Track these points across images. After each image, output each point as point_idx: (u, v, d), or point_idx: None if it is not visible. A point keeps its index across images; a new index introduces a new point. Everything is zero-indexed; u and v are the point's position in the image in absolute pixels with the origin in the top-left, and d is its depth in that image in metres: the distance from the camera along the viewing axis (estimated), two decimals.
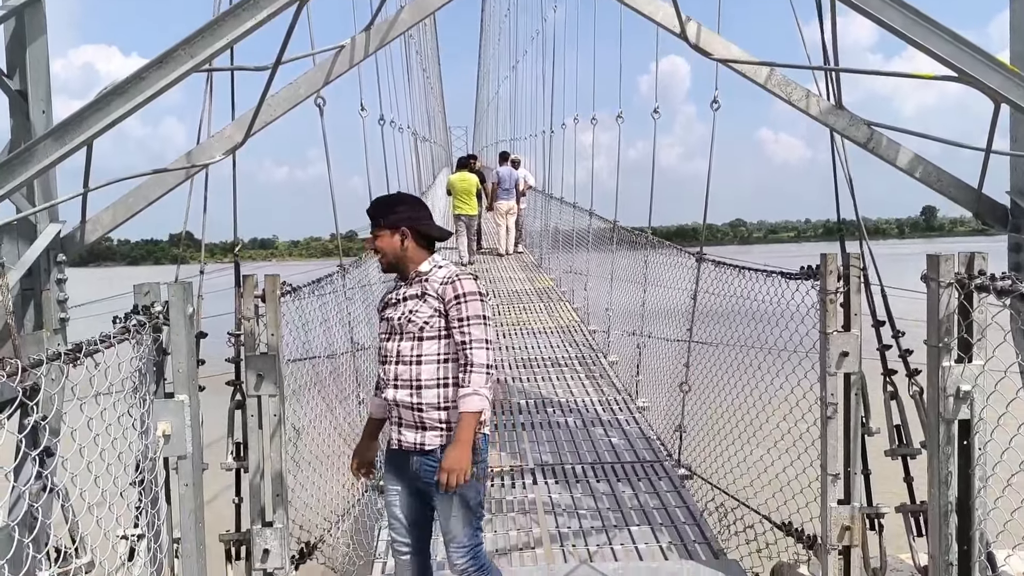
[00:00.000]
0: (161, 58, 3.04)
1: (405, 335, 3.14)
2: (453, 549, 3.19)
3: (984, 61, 3.11)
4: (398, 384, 3.14)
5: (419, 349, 3.12)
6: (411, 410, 3.12)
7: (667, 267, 7.77)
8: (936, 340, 2.99)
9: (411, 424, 3.14)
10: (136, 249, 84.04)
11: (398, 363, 3.14)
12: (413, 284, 3.21)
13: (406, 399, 3.12)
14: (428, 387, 3.12)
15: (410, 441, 3.14)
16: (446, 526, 3.19)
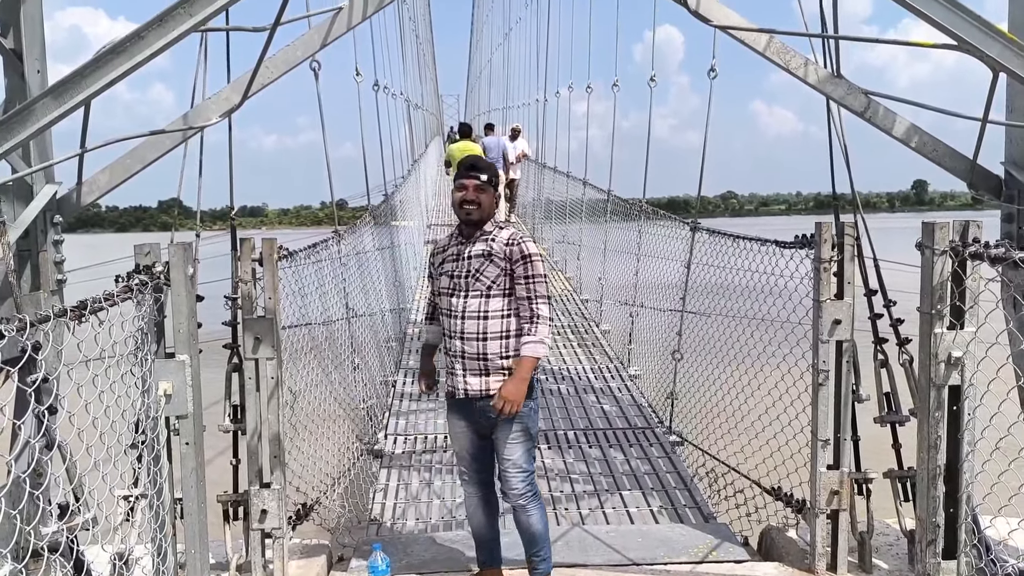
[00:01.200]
0: (161, 16, 3.02)
1: (471, 292, 3.43)
2: (513, 473, 3.50)
3: (983, 29, 3.12)
4: (465, 336, 3.43)
5: (486, 305, 3.41)
6: (477, 359, 3.43)
7: (661, 238, 7.79)
8: (929, 307, 3.03)
9: (476, 371, 3.44)
10: (125, 215, 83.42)
11: (464, 318, 3.43)
12: (477, 242, 3.48)
13: (473, 350, 3.42)
14: (493, 339, 3.42)
15: (476, 388, 3.44)
16: (508, 451, 3.50)
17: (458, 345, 3.46)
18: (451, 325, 3.48)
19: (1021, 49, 3.14)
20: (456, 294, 3.47)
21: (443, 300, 3.54)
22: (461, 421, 3.61)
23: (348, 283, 6.21)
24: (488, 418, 3.47)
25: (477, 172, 3.54)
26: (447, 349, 3.55)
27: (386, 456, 5.77)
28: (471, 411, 3.52)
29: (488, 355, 3.43)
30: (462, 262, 3.47)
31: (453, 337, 3.48)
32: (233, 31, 3.75)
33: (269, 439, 3.94)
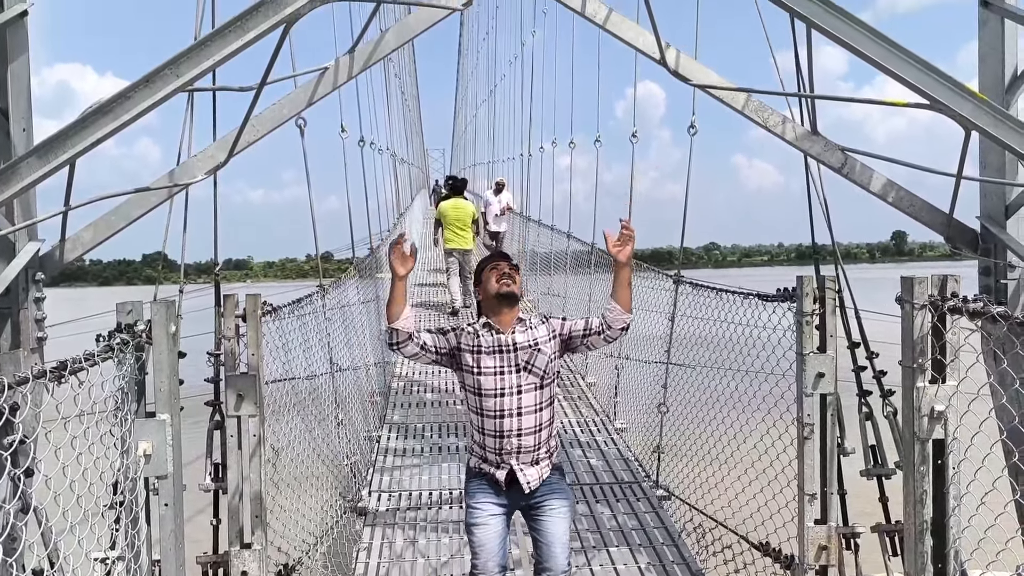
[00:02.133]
0: (147, 77, 3.06)
1: (524, 386, 3.41)
2: (560, 550, 3.52)
3: (955, 90, 3.21)
4: (522, 432, 3.41)
5: (540, 397, 3.43)
6: (532, 451, 3.44)
7: (645, 289, 7.83)
8: (910, 361, 3.05)
9: (529, 463, 3.45)
10: (108, 269, 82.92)
11: (522, 415, 3.41)
12: (517, 333, 3.46)
13: (530, 443, 3.43)
14: (546, 427, 3.47)
15: (535, 478, 3.46)
16: (556, 527, 3.50)
17: (515, 442, 3.41)
18: (504, 424, 3.39)
19: (991, 108, 3.23)
20: (508, 393, 3.40)
21: (489, 395, 3.42)
22: (498, 508, 3.50)
23: (332, 337, 6.17)
24: (540, 488, 3.48)
25: (505, 258, 3.66)
26: (496, 443, 3.43)
27: (370, 513, 5.68)
28: (515, 498, 3.49)
29: (540, 443, 3.45)
30: (507, 355, 3.41)
31: (508, 436, 3.40)
32: (220, 91, 3.78)
33: (251, 498, 3.88)
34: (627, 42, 4.13)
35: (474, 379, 3.44)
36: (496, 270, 3.52)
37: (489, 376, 3.41)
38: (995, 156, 3.91)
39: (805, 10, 3.23)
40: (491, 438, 3.44)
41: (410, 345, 3.41)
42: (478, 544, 3.50)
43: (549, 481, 3.51)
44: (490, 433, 3.44)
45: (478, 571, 3.50)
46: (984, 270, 4.03)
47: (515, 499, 3.50)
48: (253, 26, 3.07)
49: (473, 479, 3.57)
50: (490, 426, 3.43)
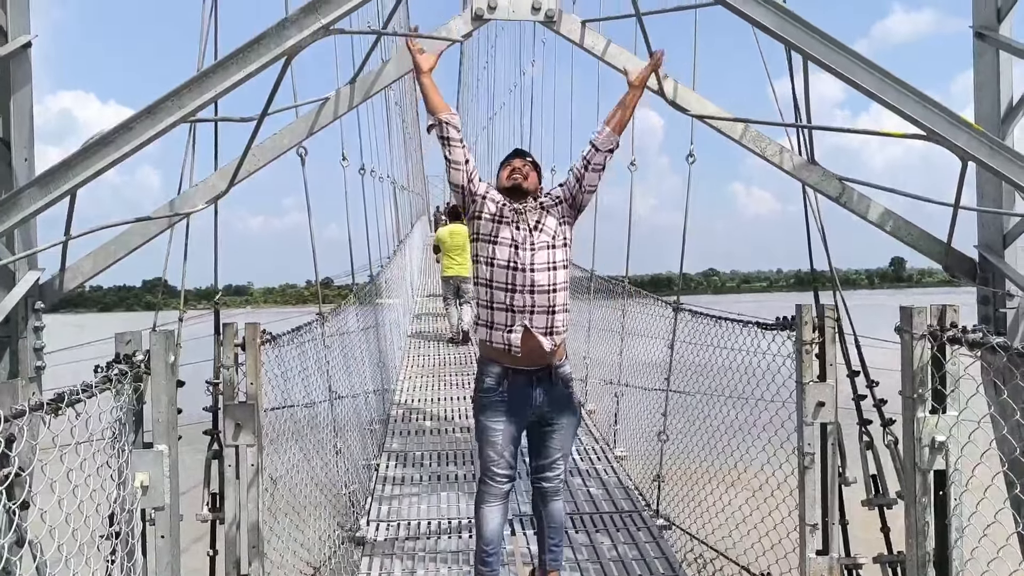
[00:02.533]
0: (149, 109, 3.08)
1: (538, 244, 3.59)
2: (562, 461, 3.73)
3: (951, 121, 3.23)
4: (536, 289, 3.55)
5: (554, 256, 3.61)
6: (546, 313, 3.56)
7: (645, 315, 7.83)
8: (910, 391, 3.04)
9: (542, 329, 3.55)
10: (109, 295, 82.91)
11: (534, 270, 3.56)
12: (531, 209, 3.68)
13: (544, 302, 3.54)
14: (561, 289, 3.61)
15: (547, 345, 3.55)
16: (562, 442, 3.72)
17: (528, 299, 3.54)
18: (517, 279, 3.55)
19: (987, 139, 3.25)
20: (521, 247, 3.59)
21: (502, 254, 3.61)
22: (510, 414, 3.62)
23: (331, 365, 6.16)
24: (552, 396, 3.63)
25: (523, 154, 3.87)
26: (507, 306, 3.58)
27: (368, 543, 5.63)
28: (528, 396, 3.62)
29: (556, 307, 3.58)
30: (521, 219, 3.63)
31: (522, 291, 3.55)
32: (221, 121, 3.81)
33: (248, 528, 3.85)
34: (627, 74, 4.16)
35: (490, 247, 3.63)
36: (508, 166, 3.79)
37: (504, 247, 3.61)
38: (992, 186, 3.93)
39: (801, 42, 3.27)
40: (501, 303, 3.58)
41: (459, 149, 3.63)
42: (489, 459, 3.64)
43: (561, 396, 3.68)
44: (500, 304, 3.59)
45: (489, 476, 3.64)
46: (983, 299, 4.03)
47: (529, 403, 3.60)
48: (255, 58, 3.10)
49: (484, 396, 3.66)
50: (500, 295, 3.58)
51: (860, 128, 3.67)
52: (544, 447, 3.76)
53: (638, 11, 3.84)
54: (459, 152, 3.61)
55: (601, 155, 3.65)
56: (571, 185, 3.73)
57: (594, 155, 3.64)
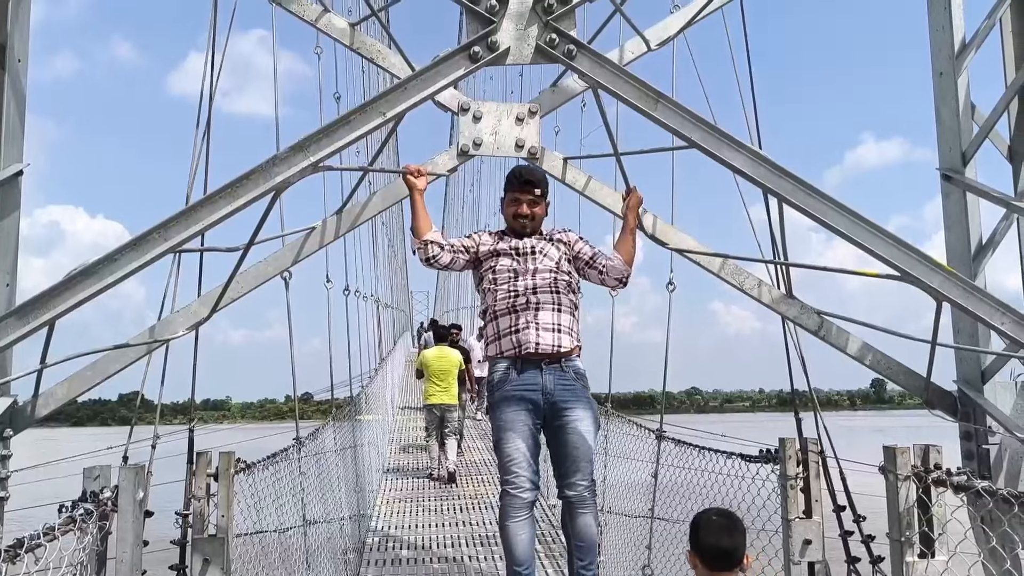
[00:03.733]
0: (135, 241, 3.10)
1: (540, 268, 3.68)
2: (584, 463, 3.58)
3: (924, 263, 3.31)
4: (538, 289, 3.63)
5: (556, 281, 3.69)
6: (552, 309, 3.61)
7: (626, 437, 7.73)
8: (898, 534, 2.98)
9: (548, 327, 3.59)
10: (82, 409, 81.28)
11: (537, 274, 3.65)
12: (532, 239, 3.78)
13: (548, 299, 3.61)
14: (565, 293, 3.69)
15: (548, 343, 3.57)
16: (580, 439, 3.56)
17: (532, 299, 3.58)
18: (519, 283, 3.62)
19: (959, 280, 3.33)
20: (523, 275, 3.65)
21: (503, 266, 3.69)
22: (522, 404, 3.56)
23: (306, 492, 5.98)
24: (563, 384, 3.56)
25: (532, 186, 3.84)
26: (510, 307, 3.61)
27: None
28: (537, 382, 3.56)
29: (562, 307, 3.64)
30: (522, 255, 3.70)
31: (525, 292, 3.60)
32: (207, 252, 3.84)
33: None
34: (606, 207, 4.27)
35: (491, 276, 3.68)
36: (516, 204, 3.81)
37: (505, 259, 3.68)
38: (967, 323, 3.99)
39: (775, 185, 3.38)
40: (505, 308, 3.61)
41: (444, 254, 3.71)
42: (509, 458, 3.52)
43: (574, 386, 3.60)
44: (503, 309, 3.61)
45: (511, 486, 3.49)
46: (965, 435, 4.03)
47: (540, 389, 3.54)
48: (243, 193, 3.16)
49: (497, 390, 3.62)
50: (503, 303, 3.60)
51: (836, 267, 3.75)
52: (563, 447, 3.59)
53: (616, 151, 3.98)
54: (447, 257, 3.76)
55: (612, 280, 3.83)
56: (580, 253, 3.85)
57: (604, 275, 3.82)
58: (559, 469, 3.60)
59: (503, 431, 3.54)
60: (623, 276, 3.77)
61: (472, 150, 3.97)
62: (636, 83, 3.49)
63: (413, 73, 3.45)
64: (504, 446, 3.54)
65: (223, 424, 61.74)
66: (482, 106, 3.96)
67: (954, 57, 4.28)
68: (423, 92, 3.41)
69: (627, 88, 3.49)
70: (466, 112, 3.93)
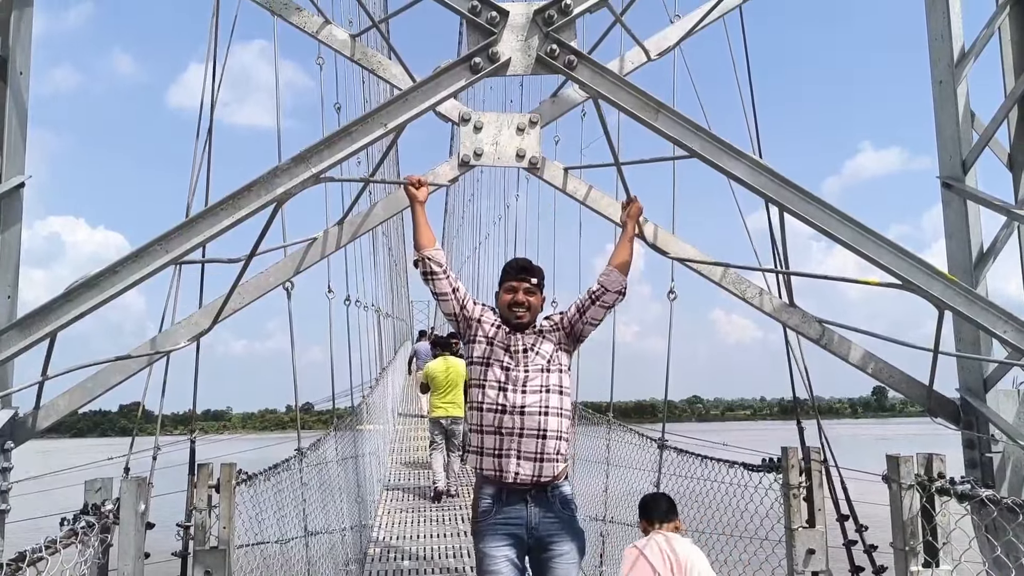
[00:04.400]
0: (137, 252, 3.10)
1: (531, 367, 3.52)
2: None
3: (926, 272, 3.31)
4: (526, 411, 3.45)
5: (547, 380, 3.51)
6: (536, 437, 3.44)
7: (629, 446, 7.71)
8: (902, 543, 2.97)
9: (530, 456, 3.43)
10: (83, 420, 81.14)
11: (527, 392, 3.47)
12: (528, 333, 3.61)
13: (533, 424, 3.43)
14: (553, 415, 3.49)
15: (527, 473, 3.43)
16: (564, 572, 3.47)
17: (518, 421, 3.44)
18: (507, 399, 3.47)
19: (961, 289, 3.32)
20: (513, 387, 3.49)
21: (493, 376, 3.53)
22: (507, 538, 3.47)
23: (307, 502, 5.97)
24: (548, 518, 3.46)
25: (528, 275, 3.70)
26: (496, 428, 3.48)
27: None
28: (522, 516, 3.46)
29: (548, 432, 3.45)
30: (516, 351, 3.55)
31: (511, 412, 3.45)
32: (208, 263, 3.84)
33: None
34: (607, 217, 4.27)
35: (481, 371, 3.54)
36: (512, 292, 3.66)
37: (496, 368, 3.52)
38: (969, 331, 3.99)
39: (776, 194, 3.38)
40: (490, 425, 3.46)
41: (443, 280, 3.58)
42: (488, 572, 3.44)
43: (560, 517, 3.50)
44: (489, 427, 3.47)
45: None
46: (968, 443, 4.02)
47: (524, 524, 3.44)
48: (245, 204, 3.16)
49: (481, 520, 3.52)
50: (489, 417, 3.46)
51: (838, 276, 3.74)
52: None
53: (617, 160, 3.99)
54: (444, 284, 3.60)
55: (611, 295, 3.62)
56: (572, 315, 3.66)
57: (603, 294, 3.61)
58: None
59: (486, 567, 3.52)
60: (620, 287, 3.64)
61: (473, 160, 3.97)
62: (636, 93, 3.49)
63: (414, 84, 3.46)
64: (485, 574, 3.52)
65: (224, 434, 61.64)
66: (483, 116, 3.97)
67: (953, 66, 4.29)
68: (424, 103, 3.42)
69: (627, 98, 3.50)
70: (467, 122, 3.94)
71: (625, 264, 3.68)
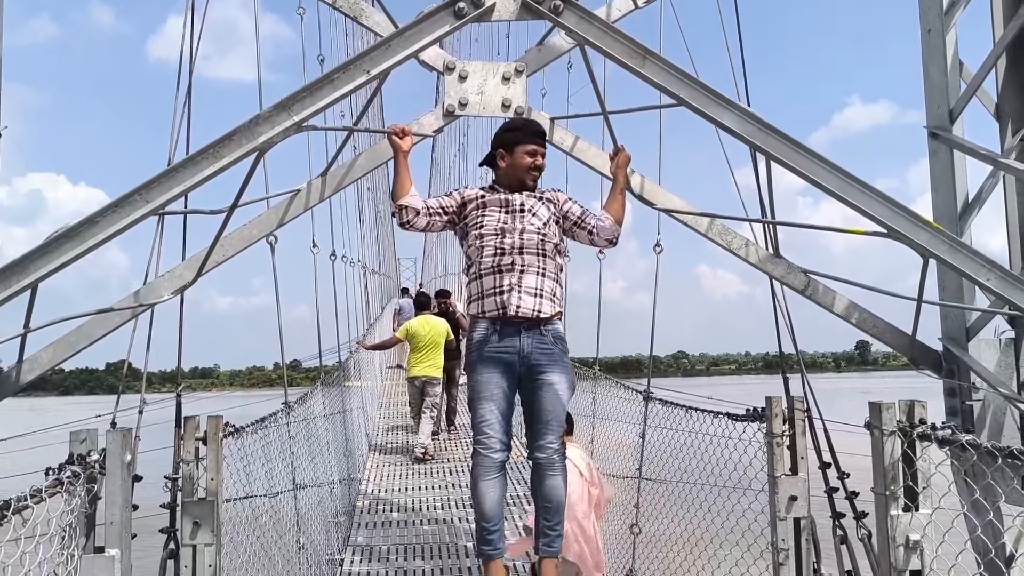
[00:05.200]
0: (116, 203, 3.06)
1: (529, 222, 3.64)
2: (556, 425, 3.62)
3: (911, 220, 3.31)
4: (525, 250, 3.59)
5: (544, 229, 3.65)
6: (536, 274, 3.59)
7: (615, 400, 7.78)
8: (883, 488, 3.01)
9: (531, 291, 3.57)
10: (70, 378, 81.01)
11: (525, 233, 3.60)
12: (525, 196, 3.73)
13: (533, 261, 3.58)
14: (551, 256, 3.65)
15: (529, 307, 3.55)
16: (554, 403, 3.59)
17: (517, 259, 3.55)
18: (505, 241, 3.59)
19: (946, 237, 3.33)
20: (510, 232, 3.61)
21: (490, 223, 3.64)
22: (499, 367, 3.57)
23: (296, 456, 6.00)
24: (541, 348, 3.56)
25: (543, 138, 3.84)
26: (494, 267, 3.58)
27: None
28: (515, 345, 3.56)
29: (547, 271, 3.60)
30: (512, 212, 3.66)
31: (510, 252, 3.57)
32: (191, 214, 3.79)
33: None
34: (593, 168, 4.25)
35: (478, 232, 3.64)
36: (534, 156, 3.75)
37: (494, 215, 3.64)
38: (952, 279, 4.01)
39: (764, 143, 3.36)
40: (489, 267, 3.58)
41: (420, 218, 3.66)
42: (482, 419, 3.57)
43: (552, 350, 3.60)
44: (487, 268, 3.59)
45: (483, 447, 3.56)
46: (949, 391, 4.06)
47: (517, 352, 3.55)
48: (226, 154, 3.11)
49: (475, 351, 3.63)
50: (488, 261, 3.58)
51: (823, 225, 3.74)
52: (536, 409, 3.63)
53: (604, 109, 3.94)
54: (423, 221, 3.70)
55: (601, 240, 3.80)
56: (570, 213, 3.81)
57: (594, 236, 3.78)
58: (530, 430, 3.67)
59: (478, 393, 3.60)
60: (613, 236, 3.75)
61: (458, 110, 3.92)
62: (624, 39, 3.44)
63: (397, 30, 3.39)
64: (478, 407, 3.60)
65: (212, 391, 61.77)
66: (468, 65, 3.91)
67: (942, 14, 4.25)
68: (407, 49, 3.35)
69: (614, 45, 3.45)
70: (452, 71, 3.87)
71: (619, 215, 3.75)
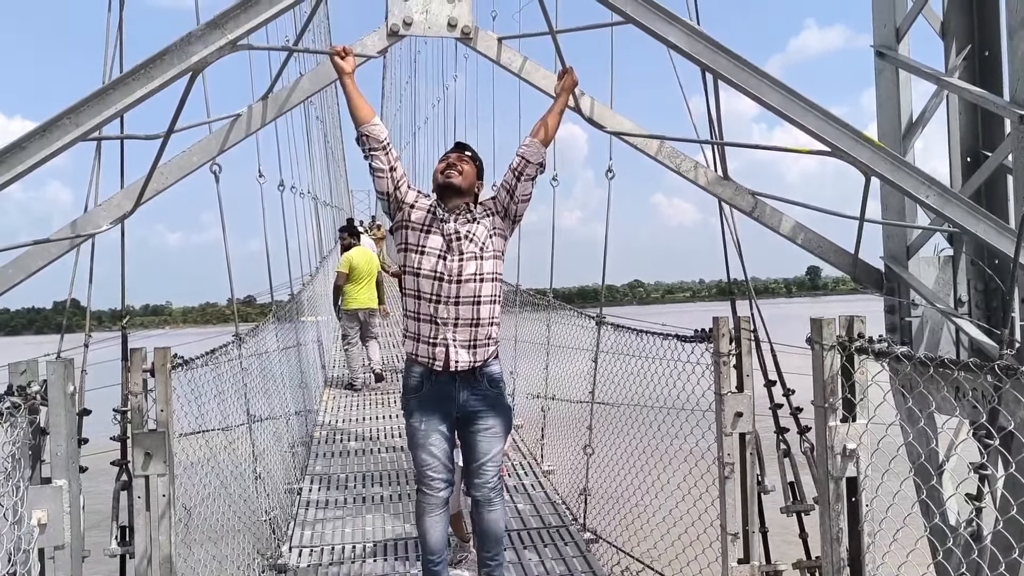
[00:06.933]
0: (44, 127, 2.93)
1: (466, 255, 3.53)
2: (491, 466, 3.66)
3: (854, 137, 3.34)
4: (460, 301, 3.51)
5: (481, 268, 3.55)
6: (469, 326, 3.52)
7: (569, 327, 7.87)
8: (822, 401, 3.11)
9: (465, 344, 3.53)
10: (16, 318, 79.17)
11: (461, 282, 3.51)
12: (462, 215, 3.60)
13: (468, 315, 3.51)
14: (486, 303, 3.56)
15: (466, 360, 3.54)
16: (488, 445, 3.64)
17: (452, 311, 3.51)
18: (443, 290, 3.51)
19: (888, 155, 3.38)
20: (448, 278, 3.52)
21: (428, 264, 3.55)
22: (434, 415, 3.59)
23: (250, 388, 5.98)
24: (476, 396, 3.58)
25: (463, 149, 3.77)
26: (432, 317, 3.54)
27: (290, 571, 5.47)
28: (451, 395, 3.57)
29: (481, 320, 3.54)
30: (451, 240, 3.55)
31: (447, 303, 3.51)
32: (126, 139, 3.67)
33: (160, 562, 3.68)
34: (542, 90, 4.18)
35: (415, 259, 3.56)
36: (445, 159, 3.70)
37: (431, 257, 3.55)
38: (895, 199, 4.08)
39: (711, 61, 3.33)
40: (427, 314, 3.53)
41: (382, 157, 3.55)
42: (423, 464, 3.62)
43: (487, 395, 3.62)
44: (425, 315, 3.54)
45: (426, 487, 3.62)
46: (889, 308, 4.18)
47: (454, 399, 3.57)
48: (158, 74, 2.99)
49: (411, 397, 3.64)
50: (425, 306, 3.53)
51: (769, 144, 3.75)
52: (471, 451, 3.70)
53: (552, 28, 3.87)
54: (382, 160, 3.54)
55: (532, 167, 3.61)
56: (502, 197, 3.66)
57: (525, 167, 3.59)
58: (467, 469, 3.76)
59: (417, 441, 3.63)
60: (540, 159, 3.56)
61: (402, 29, 3.81)
62: None
63: None
64: (419, 454, 3.63)
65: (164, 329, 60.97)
66: None
67: None
68: None
69: None
70: None
71: (548, 136, 3.65)
